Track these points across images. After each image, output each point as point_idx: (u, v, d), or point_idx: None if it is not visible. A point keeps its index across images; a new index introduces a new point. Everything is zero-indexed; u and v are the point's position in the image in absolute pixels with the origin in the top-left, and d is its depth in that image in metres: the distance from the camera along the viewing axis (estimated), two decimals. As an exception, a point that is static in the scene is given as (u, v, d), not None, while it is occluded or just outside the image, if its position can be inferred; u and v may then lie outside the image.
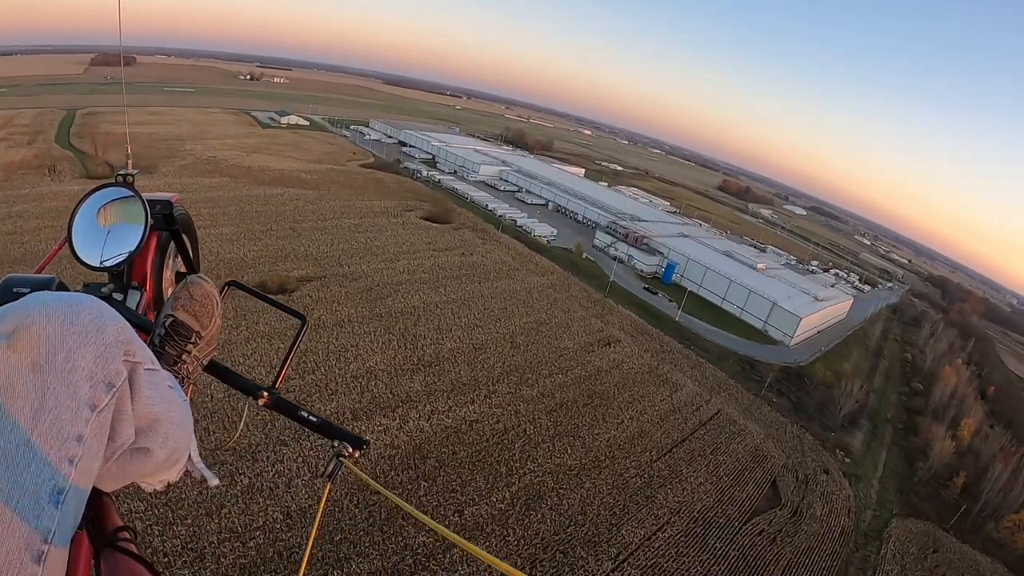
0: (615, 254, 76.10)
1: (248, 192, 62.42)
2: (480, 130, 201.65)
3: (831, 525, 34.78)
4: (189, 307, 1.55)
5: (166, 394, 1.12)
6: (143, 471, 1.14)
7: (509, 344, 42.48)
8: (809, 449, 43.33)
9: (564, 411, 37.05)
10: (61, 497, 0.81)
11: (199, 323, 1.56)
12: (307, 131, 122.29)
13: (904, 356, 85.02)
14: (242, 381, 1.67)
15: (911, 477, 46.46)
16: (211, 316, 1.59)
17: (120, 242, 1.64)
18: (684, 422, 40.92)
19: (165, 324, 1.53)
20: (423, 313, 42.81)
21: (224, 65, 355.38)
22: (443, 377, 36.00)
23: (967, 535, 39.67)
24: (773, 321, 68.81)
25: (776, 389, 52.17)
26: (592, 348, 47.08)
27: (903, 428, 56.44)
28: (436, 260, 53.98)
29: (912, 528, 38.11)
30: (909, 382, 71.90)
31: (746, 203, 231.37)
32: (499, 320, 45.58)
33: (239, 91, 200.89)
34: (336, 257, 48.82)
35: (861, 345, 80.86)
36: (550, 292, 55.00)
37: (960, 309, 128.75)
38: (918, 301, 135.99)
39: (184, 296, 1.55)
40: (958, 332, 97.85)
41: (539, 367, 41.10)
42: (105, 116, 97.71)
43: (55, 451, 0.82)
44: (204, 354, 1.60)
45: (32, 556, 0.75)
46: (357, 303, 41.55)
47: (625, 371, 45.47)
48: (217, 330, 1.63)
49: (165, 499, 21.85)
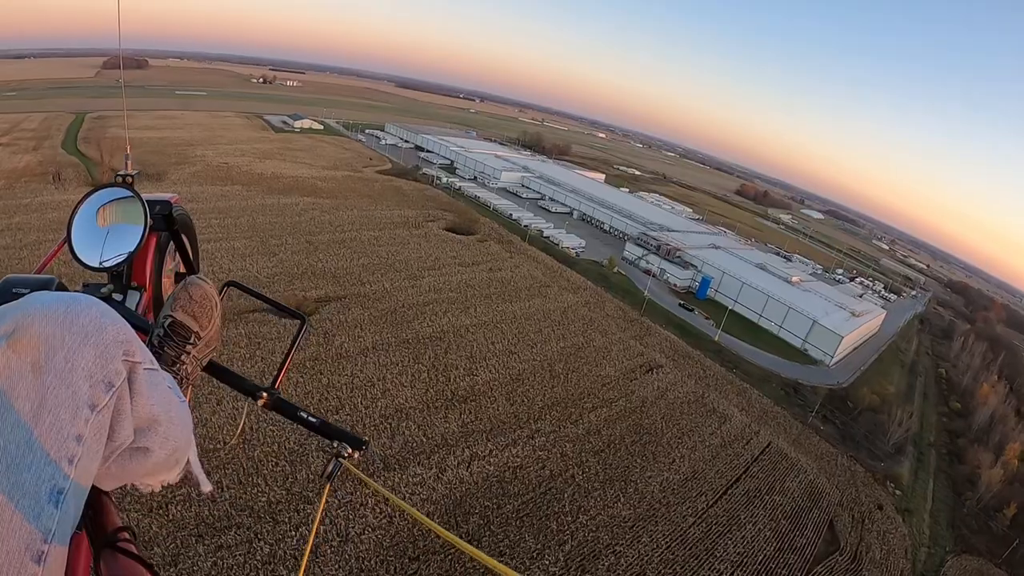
0: (647, 267, 72.12)
1: (261, 201, 59.10)
2: (496, 134, 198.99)
3: (890, 568, 32.87)
4: (188, 308, 1.53)
5: (165, 394, 1.12)
6: (142, 471, 1.14)
7: (548, 373, 38.67)
8: (861, 483, 40.62)
9: (612, 451, 33.67)
10: (61, 497, 0.82)
11: (198, 324, 1.54)
12: (321, 135, 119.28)
13: (938, 372, 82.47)
14: (242, 382, 1.64)
15: (960, 508, 44.48)
16: (210, 317, 1.57)
17: (119, 242, 1.62)
18: (736, 458, 37.81)
19: (164, 325, 1.51)
20: (453, 338, 39.05)
21: (236, 68, 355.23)
22: (480, 414, 32.27)
23: (1019, 570, 37.93)
24: (813, 339, 65.37)
25: (822, 415, 49.41)
26: (634, 375, 43.35)
27: (947, 453, 54.21)
28: (463, 276, 50.24)
29: (967, 566, 36.50)
30: (947, 401, 69.36)
31: (765, 208, 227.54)
32: (535, 345, 41.75)
33: (251, 94, 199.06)
34: (356, 274, 45.21)
35: (896, 361, 78.29)
36: (585, 312, 51.09)
37: (985, 317, 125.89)
38: (943, 310, 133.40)
39: (183, 297, 1.54)
40: (988, 345, 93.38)
41: (582, 399, 37.36)
42: (114, 120, 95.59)
43: (55, 451, 0.83)
44: (204, 355, 1.59)
45: (32, 556, 0.75)
46: (381, 327, 37.87)
47: (670, 400, 41.96)
48: (216, 330, 1.61)
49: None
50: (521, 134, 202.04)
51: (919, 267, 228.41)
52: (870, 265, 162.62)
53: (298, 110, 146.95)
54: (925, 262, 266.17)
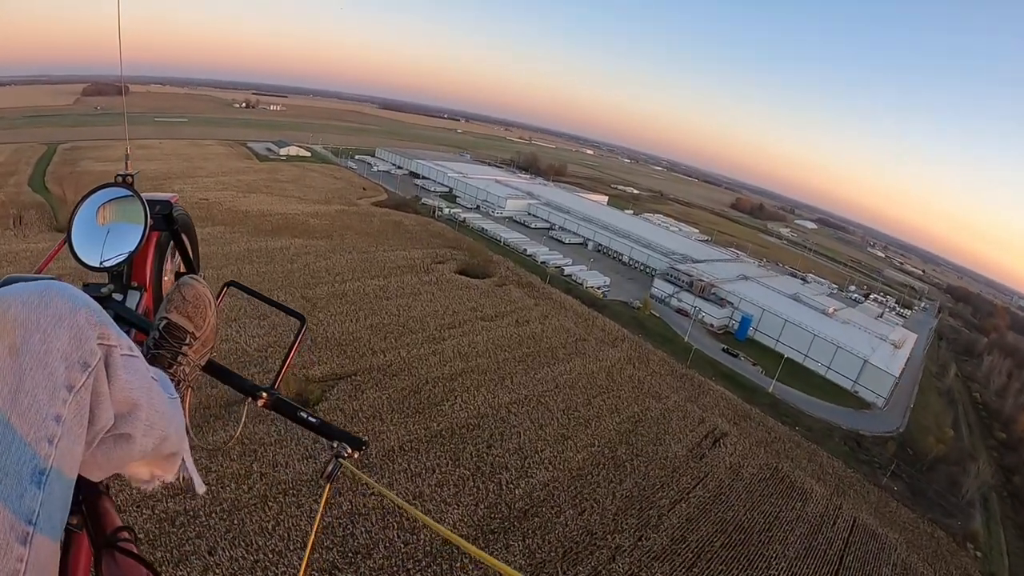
0: (679, 306, 65.59)
1: (247, 246, 51.57)
2: (488, 155, 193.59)
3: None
4: (182, 308, 1.54)
5: (145, 380, 1.12)
6: (128, 459, 1.14)
7: (611, 462, 31.51)
8: (947, 551, 36.02)
9: (705, 562, 26.80)
10: (43, 478, 0.82)
11: (192, 324, 1.55)
12: (309, 163, 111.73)
13: (972, 396, 79.56)
14: (241, 381, 1.64)
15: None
16: (204, 317, 1.57)
17: (120, 242, 1.61)
18: (828, 546, 31.72)
19: (159, 327, 1.52)
20: (494, 424, 31.67)
21: (218, 93, 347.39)
22: (547, 533, 24.98)
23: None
24: (864, 380, 59.90)
25: (890, 471, 44.84)
26: (701, 450, 36.59)
27: (1008, 495, 50.55)
28: (489, 334, 42.98)
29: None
30: (991, 431, 66.30)
31: (764, 222, 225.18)
32: (588, 423, 34.57)
33: (234, 120, 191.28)
34: (365, 340, 37.77)
35: (933, 389, 74.39)
36: (631, 370, 44.09)
37: (995, 326, 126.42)
38: (953, 321, 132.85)
39: (177, 298, 1.55)
40: (1012, 361, 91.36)
41: (655, 495, 30.31)
42: (88, 151, 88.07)
43: (34, 431, 0.83)
44: (200, 355, 1.59)
45: (17, 537, 0.76)
46: (405, 415, 30.38)
47: (747, 480, 35.38)
48: (212, 330, 1.61)
49: None
50: (515, 155, 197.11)
51: (916, 273, 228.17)
52: (877, 279, 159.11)
53: (283, 135, 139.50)
54: (919, 267, 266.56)
